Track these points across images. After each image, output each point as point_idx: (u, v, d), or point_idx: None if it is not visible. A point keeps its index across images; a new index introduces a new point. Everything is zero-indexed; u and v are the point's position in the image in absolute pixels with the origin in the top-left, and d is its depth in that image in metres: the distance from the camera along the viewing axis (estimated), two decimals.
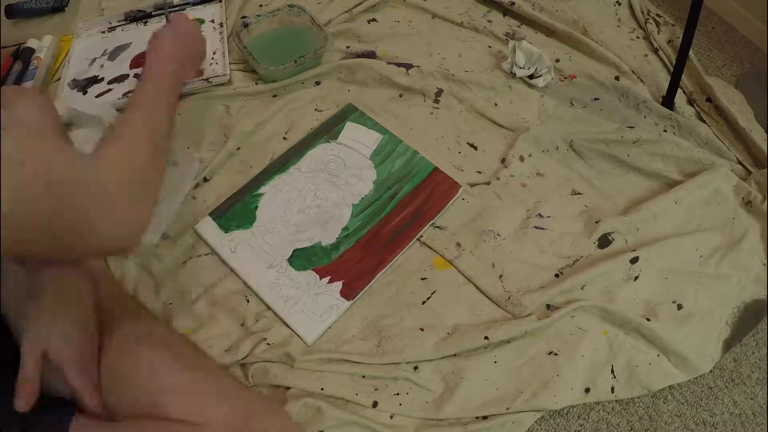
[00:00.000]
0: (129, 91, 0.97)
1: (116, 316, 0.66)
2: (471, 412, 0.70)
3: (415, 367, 0.73)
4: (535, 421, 0.72)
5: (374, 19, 1.11)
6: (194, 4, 1.11)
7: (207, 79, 0.97)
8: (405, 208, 0.86)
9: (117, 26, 1.08)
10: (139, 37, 1.06)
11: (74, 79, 0.99)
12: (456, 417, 0.70)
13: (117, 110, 0.88)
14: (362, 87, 1.01)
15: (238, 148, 0.92)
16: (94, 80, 0.99)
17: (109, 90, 0.98)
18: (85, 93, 0.97)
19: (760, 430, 0.74)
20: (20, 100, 0.60)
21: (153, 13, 1.09)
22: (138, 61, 1.02)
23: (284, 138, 0.94)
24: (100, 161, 0.53)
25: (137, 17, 1.09)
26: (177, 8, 1.10)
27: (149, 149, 0.59)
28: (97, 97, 0.96)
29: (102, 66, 1.02)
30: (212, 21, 1.08)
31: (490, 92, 1.01)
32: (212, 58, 1.02)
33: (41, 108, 0.61)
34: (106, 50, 1.04)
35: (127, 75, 1.00)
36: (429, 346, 0.74)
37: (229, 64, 1.00)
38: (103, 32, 1.07)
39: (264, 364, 0.72)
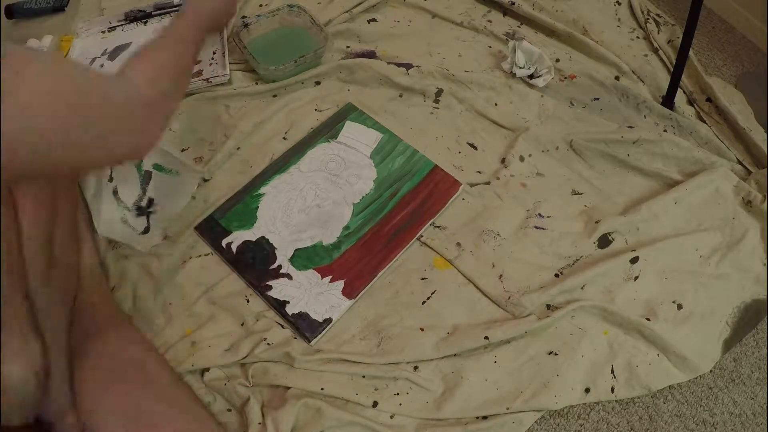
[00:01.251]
0: None
1: (97, 325, 0.66)
2: (471, 412, 0.70)
3: (415, 367, 0.73)
4: (535, 421, 0.72)
5: (374, 19, 1.11)
6: None
7: (207, 80, 0.97)
8: (406, 206, 0.86)
9: (117, 26, 1.08)
10: (139, 36, 1.06)
11: None
12: (456, 417, 0.70)
13: None
14: (362, 87, 1.01)
15: (238, 148, 0.92)
16: None
17: None
18: None
19: (760, 430, 0.74)
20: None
21: (153, 12, 1.09)
22: None
23: (284, 138, 0.94)
24: (125, 78, 0.55)
25: (137, 17, 1.08)
26: (177, 8, 1.10)
27: (172, 74, 0.61)
28: None
29: (102, 66, 1.02)
30: None
31: (490, 92, 1.01)
32: (212, 58, 1.02)
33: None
34: (106, 50, 1.04)
35: None
36: (429, 346, 0.74)
37: (229, 64, 1.00)
38: (103, 32, 1.07)
39: (264, 364, 0.72)
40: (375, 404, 0.70)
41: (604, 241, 0.84)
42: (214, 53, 1.02)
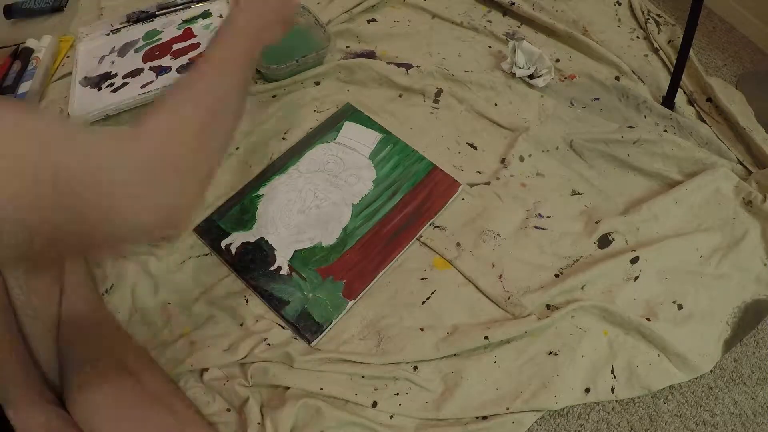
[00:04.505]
0: (148, 83, 0.97)
1: (85, 332, 0.66)
2: (471, 412, 0.70)
3: (415, 367, 0.73)
4: (535, 421, 0.72)
5: (374, 19, 1.11)
6: (199, 1, 1.10)
7: None
8: (405, 206, 0.85)
9: (121, 27, 1.07)
10: (146, 32, 1.06)
11: (85, 77, 0.98)
12: (456, 417, 0.70)
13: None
14: (362, 87, 1.01)
15: (237, 149, 0.92)
16: (108, 76, 0.99)
17: (125, 84, 0.97)
18: (99, 89, 0.97)
19: (761, 430, 0.74)
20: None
21: (157, 13, 1.08)
22: (151, 54, 1.01)
23: (283, 138, 0.94)
24: (135, 139, 0.44)
25: (141, 18, 1.07)
26: (181, 6, 1.09)
27: (205, 121, 0.48)
28: (113, 92, 0.96)
29: (113, 62, 1.01)
30: (220, 16, 1.08)
31: (490, 92, 1.01)
32: None
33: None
34: (114, 48, 1.04)
35: (142, 69, 1.00)
36: (429, 346, 0.74)
37: None
38: (107, 34, 1.06)
39: (263, 364, 0.72)
40: (374, 404, 0.70)
41: (604, 241, 0.84)
42: None
